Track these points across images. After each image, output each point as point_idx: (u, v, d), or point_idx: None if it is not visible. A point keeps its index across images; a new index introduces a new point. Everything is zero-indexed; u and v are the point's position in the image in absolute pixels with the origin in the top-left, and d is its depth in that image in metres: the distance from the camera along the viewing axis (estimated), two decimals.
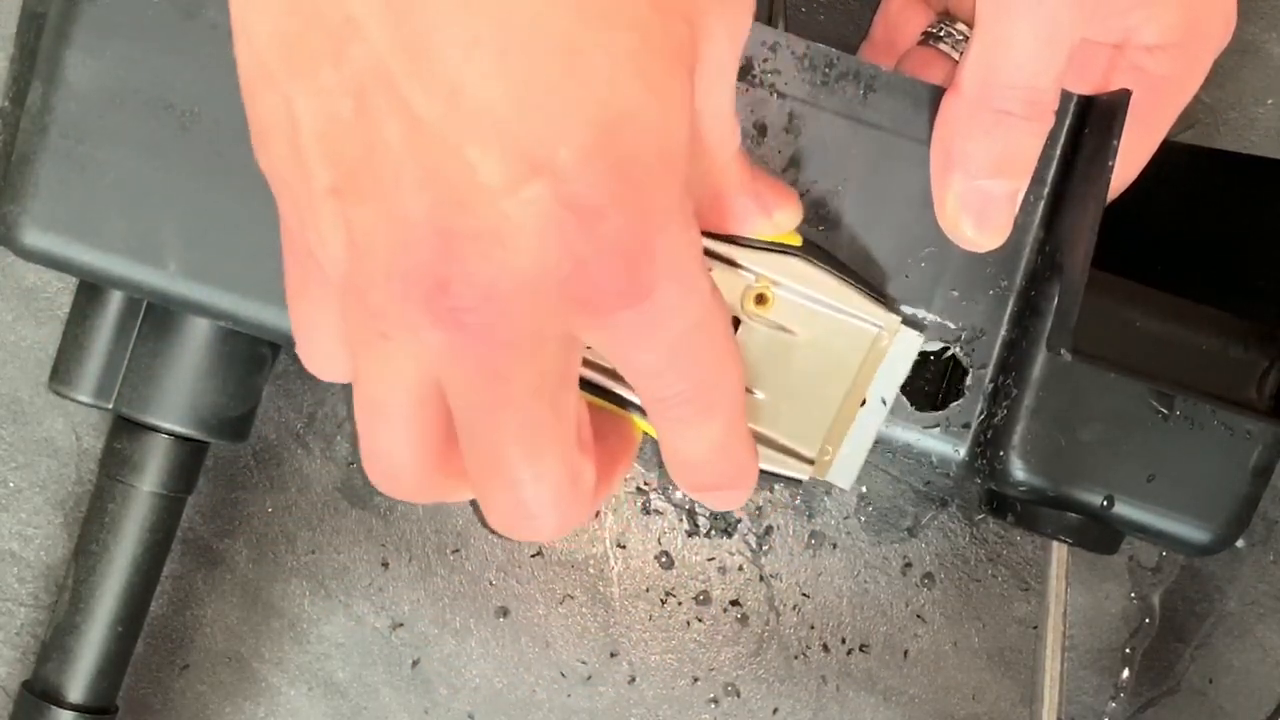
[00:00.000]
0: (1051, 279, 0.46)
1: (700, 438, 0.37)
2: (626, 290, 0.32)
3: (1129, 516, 0.48)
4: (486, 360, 0.32)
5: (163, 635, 0.57)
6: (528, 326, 0.32)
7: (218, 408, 0.50)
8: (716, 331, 0.35)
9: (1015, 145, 0.44)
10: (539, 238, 0.31)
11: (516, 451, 0.34)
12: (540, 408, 0.34)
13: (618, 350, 0.34)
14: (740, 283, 0.43)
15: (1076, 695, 0.60)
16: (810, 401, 0.45)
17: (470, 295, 0.31)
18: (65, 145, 0.45)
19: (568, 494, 0.35)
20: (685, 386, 0.35)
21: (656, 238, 0.32)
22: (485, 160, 0.30)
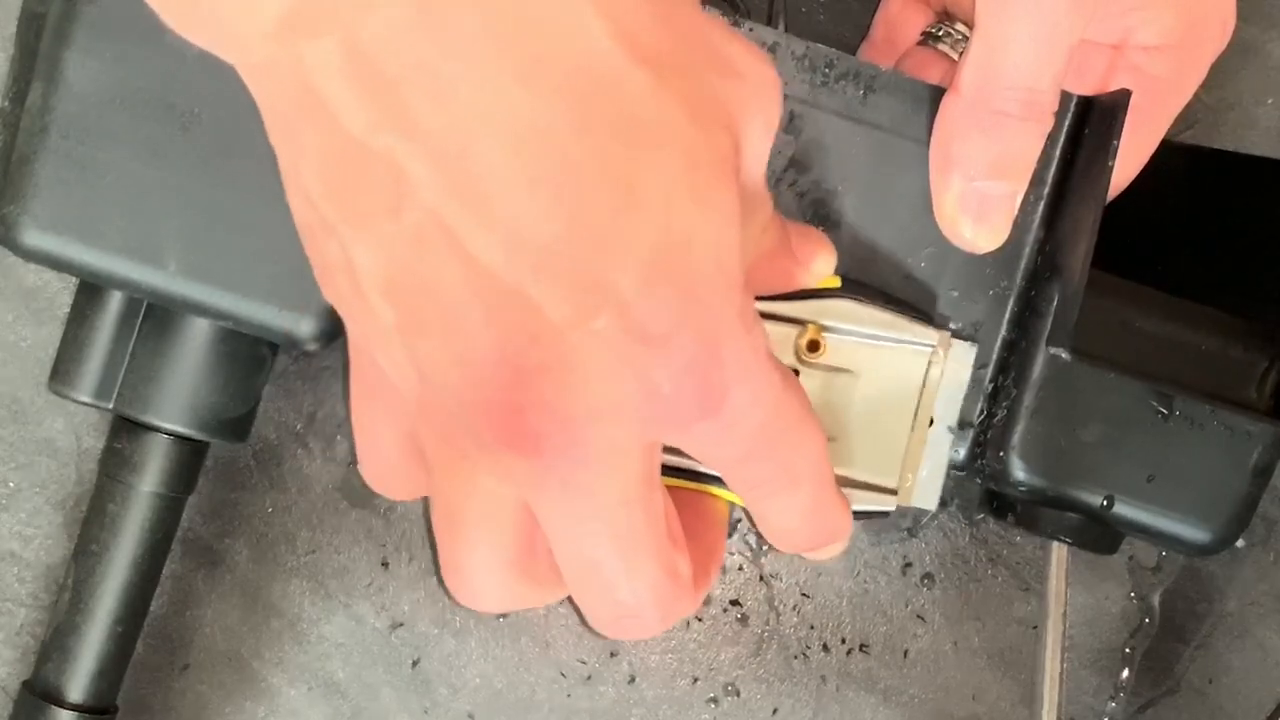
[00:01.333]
0: (1051, 279, 0.46)
1: (791, 508, 0.38)
2: (702, 405, 0.32)
3: (1129, 517, 0.48)
4: (570, 479, 0.33)
5: (163, 635, 0.57)
6: (607, 445, 0.32)
7: (218, 408, 0.50)
8: (792, 411, 0.35)
9: (1013, 147, 0.44)
10: (610, 367, 0.31)
11: (610, 558, 0.34)
12: (629, 513, 0.34)
13: (699, 451, 0.35)
14: (790, 334, 0.44)
15: (1076, 695, 0.60)
16: (880, 434, 0.46)
17: (547, 422, 0.31)
18: (65, 145, 0.45)
19: (667, 590, 0.36)
20: (769, 468, 0.36)
21: (724, 348, 0.32)
22: (549, 297, 0.30)
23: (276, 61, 0.30)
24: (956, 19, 0.50)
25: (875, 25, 0.53)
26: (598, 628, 0.37)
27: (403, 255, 0.31)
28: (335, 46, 0.29)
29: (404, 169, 0.29)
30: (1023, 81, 0.43)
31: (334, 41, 0.29)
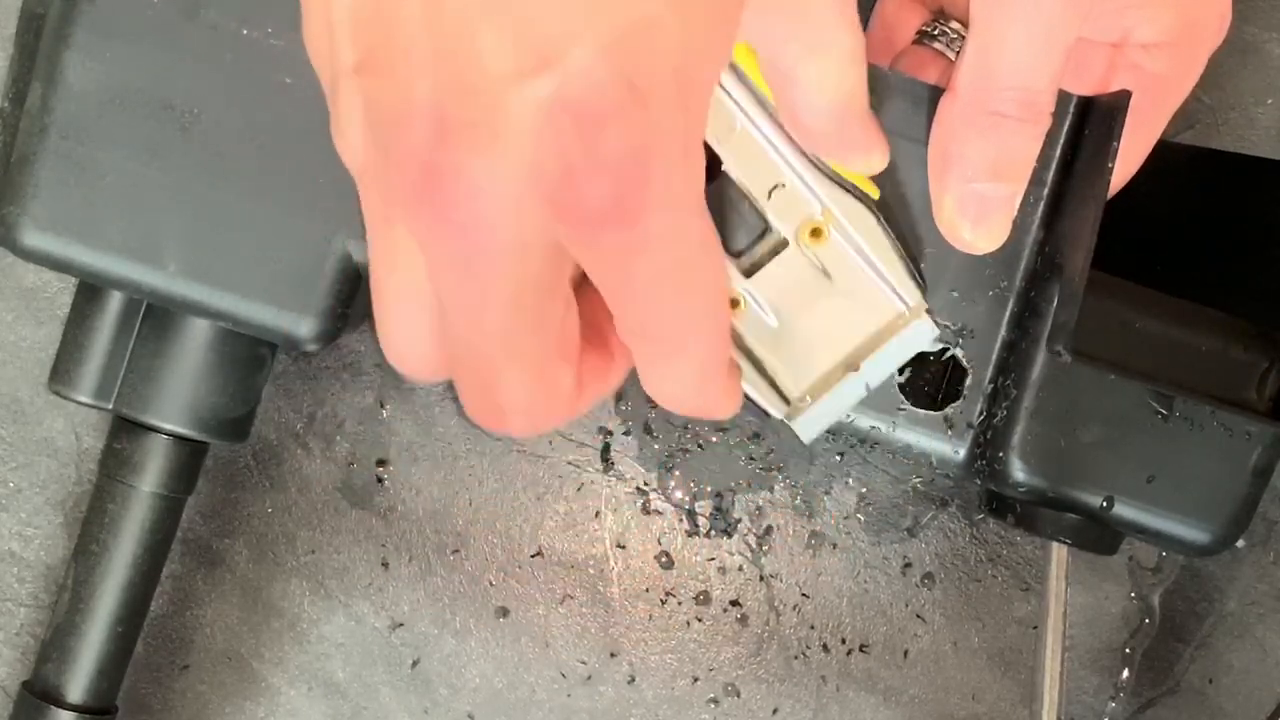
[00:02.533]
0: (1051, 280, 0.46)
1: (673, 375, 0.37)
2: (613, 211, 0.31)
3: (1129, 517, 0.48)
4: (466, 255, 0.32)
5: (163, 635, 0.57)
6: (511, 233, 0.32)
7: (217, 408, 0.50)
8: (704, 273, 0.35)
9: (1011, 148, 0.44)
10: (534, 136, 0.30)
11: (493, 353, 0.34)
12: (518, 315, 0.33)
13: (598, 271, 0.34)
14: (805, 209, 0.44)
15: (1076, 695, 0.60)
16: (814, 348, 0.45)
17: (457, 189, 0.31)
18: (65, 146, 0.45)
19: (540, 401, 0.35)
20: (661, 323, 0.35)
21: (654, 161, 0.31)
22: (496, 46, 0.30)
23: None
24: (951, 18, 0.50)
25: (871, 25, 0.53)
26: (469, 414, 0.37)
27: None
28: None
29: None
30: (1019, 82, 0.43)
31: None
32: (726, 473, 0.59)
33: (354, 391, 0.57)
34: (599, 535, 0.59)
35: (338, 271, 0.47)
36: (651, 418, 0.59)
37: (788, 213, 0.44)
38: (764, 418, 0.47)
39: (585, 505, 0.59)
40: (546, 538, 0.59)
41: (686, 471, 0.59)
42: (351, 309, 0.48)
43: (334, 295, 0.47)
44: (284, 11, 0.45)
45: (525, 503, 0.59)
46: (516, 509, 0.59)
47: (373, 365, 0.57)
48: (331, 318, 0.47)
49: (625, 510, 0.59)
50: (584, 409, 0.38)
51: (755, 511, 0.59)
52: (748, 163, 0.43)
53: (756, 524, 0.59)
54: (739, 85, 0.43)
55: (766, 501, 0.59)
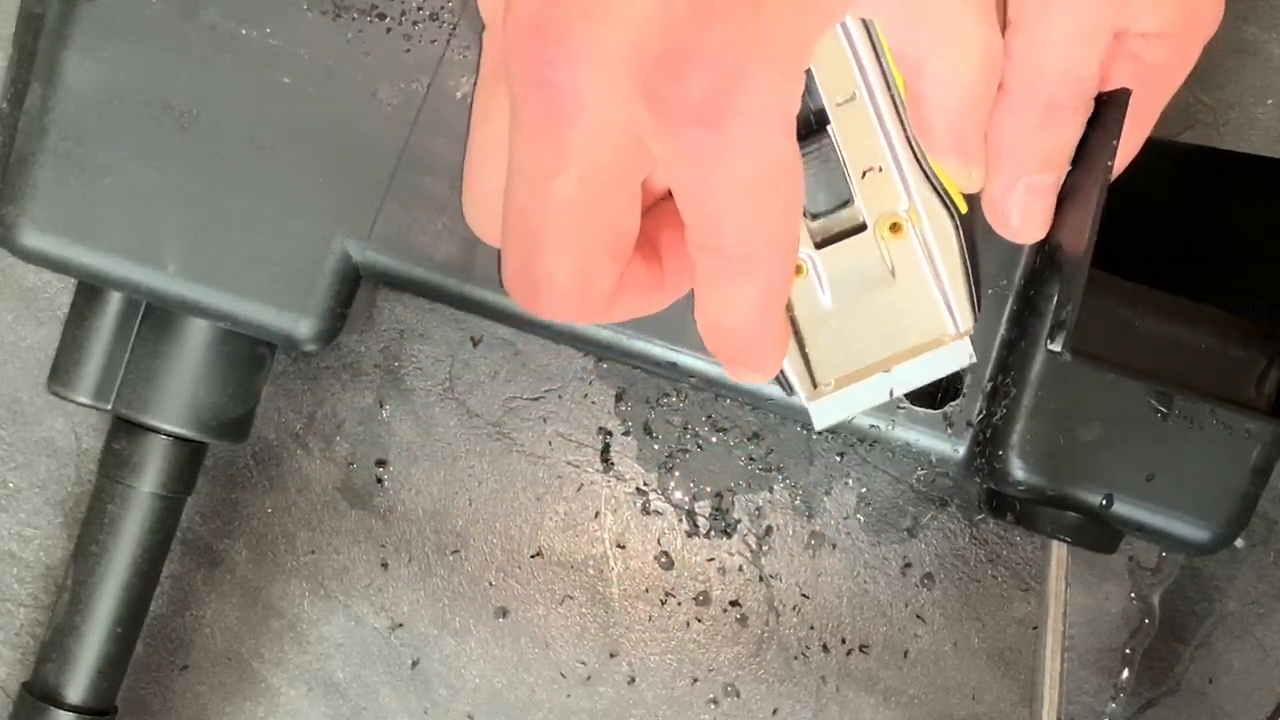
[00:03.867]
0: (1050, 278, 0.46)
1: (731, 300, 0.37)
2: (701, 107, 0.31)
3: (1128, 516, 0.48)
4: (549, 125, 0.32)
5: (163, 635, 0.57)
6: (597, 108, 0.32)
7: (217, 409, 0.50)
8: (779, 197, 0.35)
9: (1064, 138, 0.45)
10: (647, 14, 0.30)
11: (543, 228, 0.34)
12: (579, 195, 0.34)
13: (676, 171, 0.34)
14: (893, 200, 0.44)
15: (1076, 695, 0.60)
16: (857, 339, 0.46)
17: (558, 50, 0.31)
18: (64, 146, 0.45)
19: (575, 289, 0.35)
20: (730, 239, 0.35)
21: (754, 72, 0.31)
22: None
23: None
24: None
25: None
26: (504, 281, 0.37)
27: None
28: None
29: None
30: (1072, 72, 0.43)
31: None
32: (726, 473, 0.59)
33: (354, 391, 0.57)
34: (599, 535, 0.59)
35: (337, 271, 0.47)
36: (651, 418, 0.59)
37: (876, 198, 0.44)
38: (786, 392, 0.47)
39: (585, 505, 0.59)
40: (546, 538, 0.59)
41: (686, 471, 0.59)
42: (350, 309, 0.48)
43: (333, 295, 0.47)
44: (282, 11, 0.45)
45: (525, 503, 0.59)
46: (516, 509, 0.59)
47: (372, 365, 0.57)
48: (330, 318, 0.47)
49: (625, 510, 0.59)
50: (616, 317, 0.38)
51: (755, 512, 0.59)
52: (855, 135, 0.43)
53: (756, 524, 0.59)
54: (872, 58, 0.43)
55: (766, 501, 0.59)
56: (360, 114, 0.46)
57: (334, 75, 0.45)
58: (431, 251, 0.47)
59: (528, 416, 0.58)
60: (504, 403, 0.58)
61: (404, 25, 0.45)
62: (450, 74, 0.46)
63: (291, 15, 0.45)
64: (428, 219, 0.46)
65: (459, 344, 0.58)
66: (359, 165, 0.46)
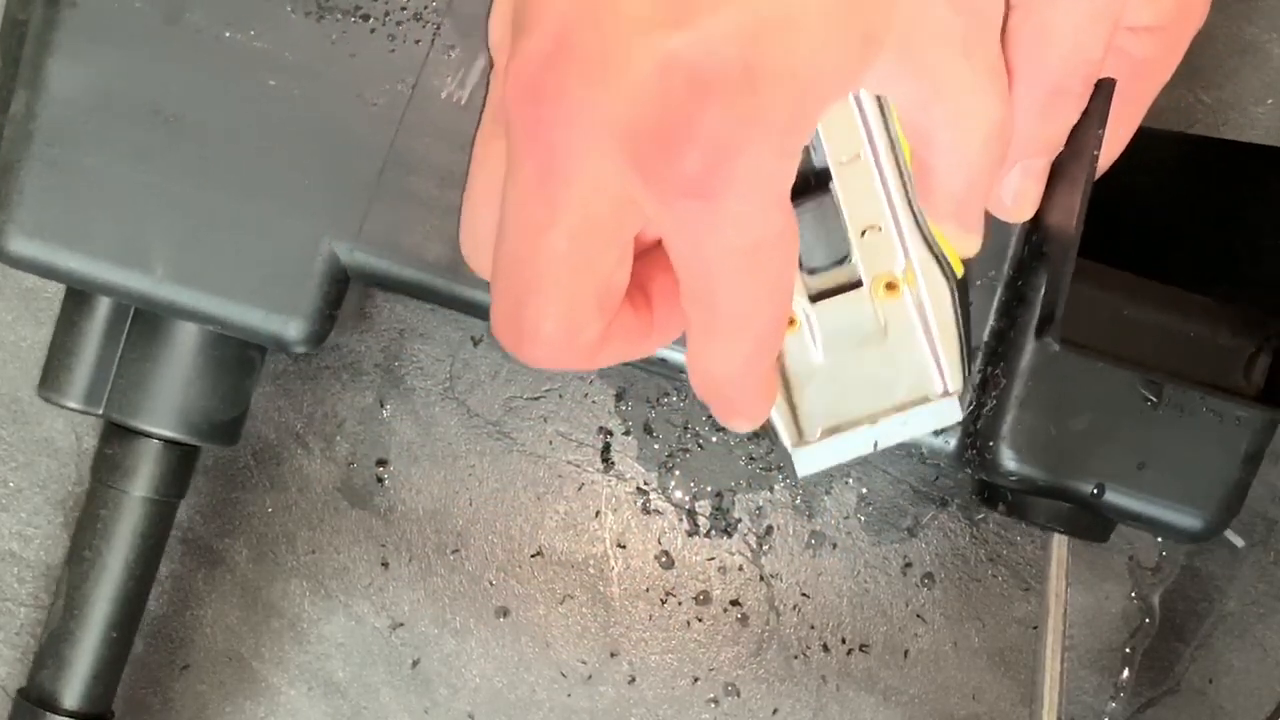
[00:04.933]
0: (1038, 268, 0.46)
1: (721, 356, 0.37)
2: (695, 180, 0.32)
3: (1120, 505, 0.48)
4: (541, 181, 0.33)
5: (163, 635, 0.57)
6: (589, 170, 0.32)
7: (208, 412, 0.50)
8: (772, 264, 0.35)
9: (1066, 122, 0.45)
10: (642, 86, 0.31)
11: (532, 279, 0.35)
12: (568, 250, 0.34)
13: (670, 236, 0.34)
14: (890, 260, 0.45)
15: (1076, 695, 0.59)
16: (846, 394, 0.46)
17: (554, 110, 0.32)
18: (50, 152, 0.45)
19: (560, 339, 0.36)
20: (722, 301, 0.36)
21: (748, 149, 0.32)
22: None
23: None
24: None
25: None
26: (492, 323, 0.37)
27: None
28: None
29: None
30: (1081, 56, 0.43)
31: None
32: (726, 473, 0.59)
33: (354, 391, 0.58)
34: (599, 535, 0.59)
35: (325, 273, 0.47)
36: (652, 418, 0.59)
37: (874, 257, 0.45)
38: (772, 440, 0.47)
39: (585, 505, 0.59)
40: (546, 537, 0.59)
41: (686, 471, 0.59)
42: (340, 310, 0.48)
43: (322, 297, 0.47)
44: (266, 13, 0.46)
45: (525, 503, 0.59)
46: (516, 509, 0.59)
47: (373, 365, 0.58)
48: (320, 319, 0.47)
49: (625, 510, 0.59)
50: (602, 364, 0.38)
51: (755, 511, 0.59)
52: (856, 194, 0.44)
53: (756, 524, 0.59)
54: (879, 121, 0.43)
55: (766, 501, 0.59)
56: (346, 115, 0.46)
57: (319, 77, 0.46)
58: (420, 252, 0.47)
59: (528, 416, 0.59)
60: (504, 402, 0.58)
61: (388, 26, 0.46)
62: (435, 74, 0.46)
63: (276, 17, 0.45)
64: (416, 219, 0.47)
65: (459, 343, 0.58)
66: (346, 166, 0.46)
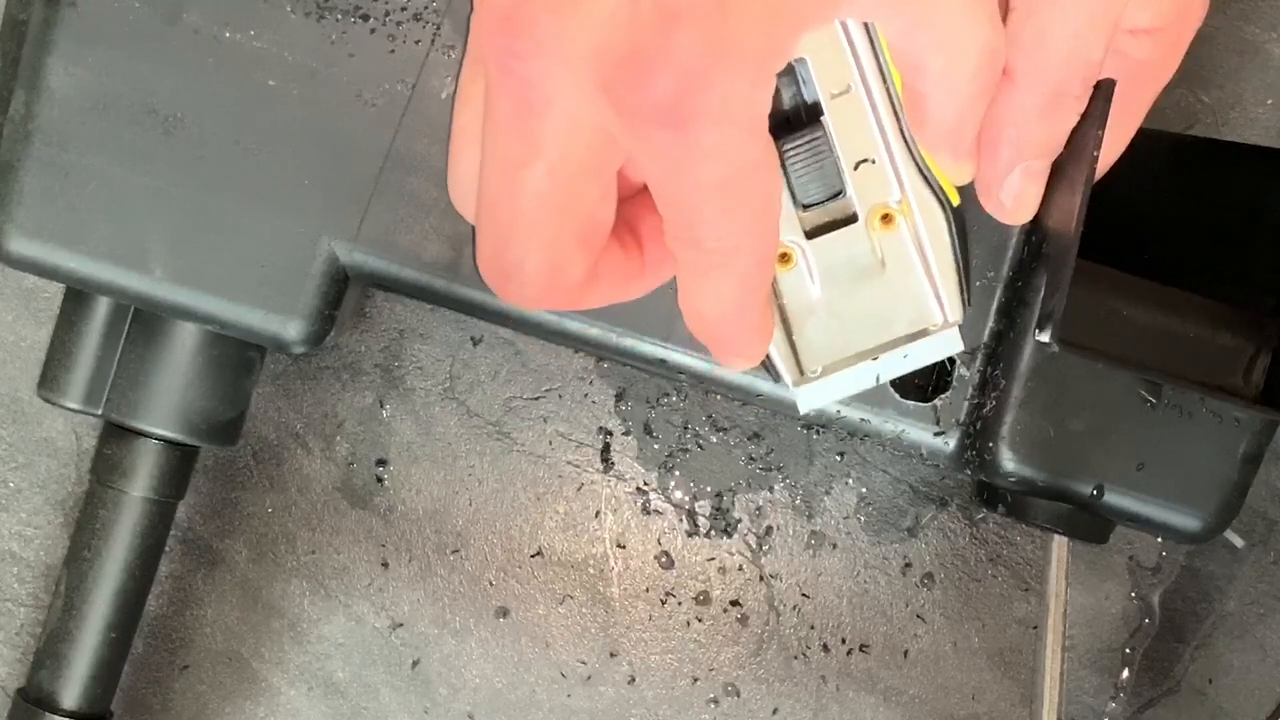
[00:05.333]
0: (1038, 269, 0.46)
1: (711, 292, 0.37)
2: (665, 109, 0.31)
3: (1119, 505, 0.48)
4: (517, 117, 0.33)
5: (163, 635, 0.57)
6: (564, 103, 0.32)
7: (207, 412, 0.50)
8: (752, 195, 0.35)
9: (1066, 124, 0.44)
10: (612, 14, 0.31)
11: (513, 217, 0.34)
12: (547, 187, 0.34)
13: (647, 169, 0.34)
14: (886, 192, 0.44)
15: (1076, 695, 0.59)
16: (845, 329, 0.45)
17: (523, 42, 0.31)
18: (49, 152, 0.45)
19: (544, 278, 0.36)
20: (706, 235, 0.35)
21: (718, 74, 0.31)
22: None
23: None
24: None
25: None
26: (477, 263, 0.37)
27: None
28: None
29: None
30: (1082, 57, 0.43)
31: None
32: (726, 473, 0.59)
33: (354, 391, 0.58)
34: (599, 535, 0.59)
35: (324, 273, 0.47)
36: (651, 418, 0.59)
37: (868, 189, 0.44)
38: (773, 379, 0.46)
39: (585, 505, 0.59)
40: (546, 538, 0.59)
41: (686, 471, 0.59)
42: (339, 310, 0.48)
43: (321, 296, 0.47)
44: (265, 13, 0.46)
45: (525, 503, 0.59)
46: (516, 509, 0.59)
47: (373, 365, 0.58)
48: (319, 319, 0.47)
49: (625, 510, 0.59)
50: (592, 304, 0.38)
51: (755, 511, 0.59)
52: (848, 127, 0.43)
53: (756, 524, 0.59)
54: (869, 52, 0.43)
55: (766, 501, 0.59)
56: (345, 115, 0.46)
57: (318, 77, 0.46)
58: (419, 252, 0.47)
59: (528, 416, 0.59)
60: (504, 402, 0.58)
61: (388, 26, 0.46)
62: (434, 74, 0.46)
63: (275, 18, 0.45)
64: (414, 219, 0.47)
65: (459, 344, 0.58)
66: (345, 167, 0.46)
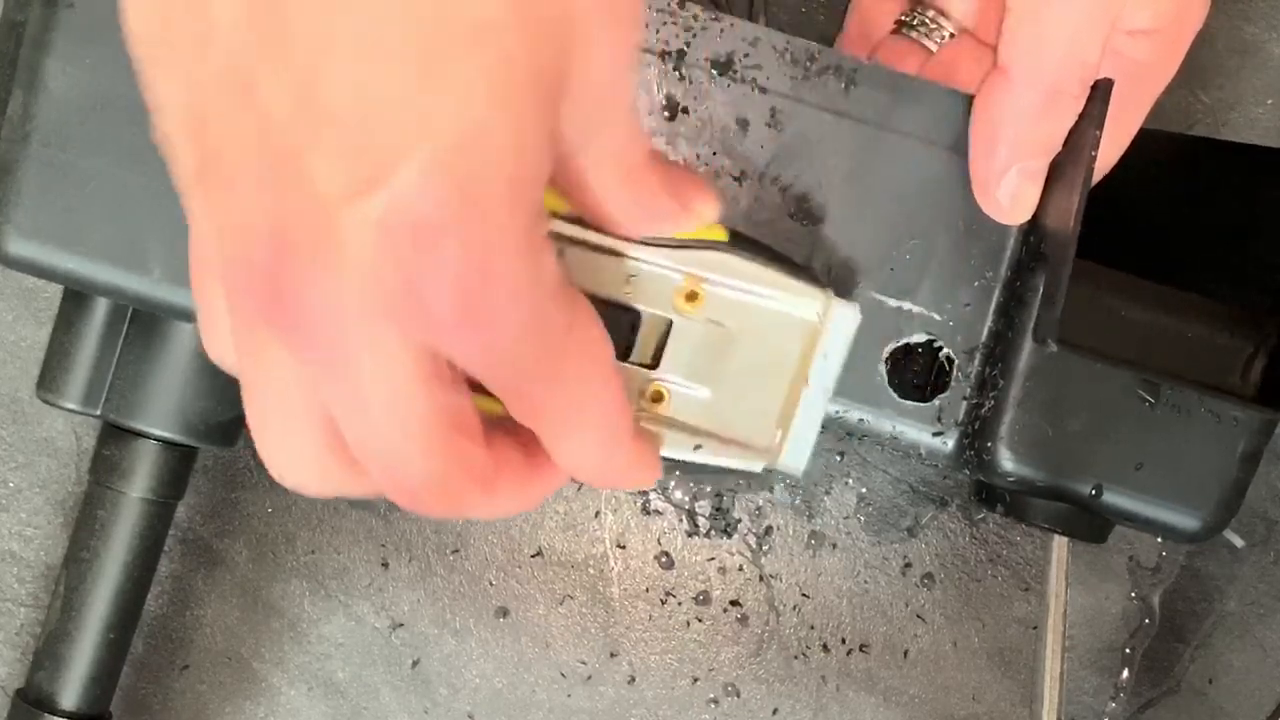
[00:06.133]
0: (1036, 269, 0.46)
1: (576, 450, 0.36)
2: (462, 318, 0.31)
3: (1118, 505, 0.48)
4: (334, 368, 0.32)
5: (163, 635, 0.57)
6: (368, 341, 0.31)
7: (205, 413, 0.50)
8: (578, 351, 0.34)
9: (1063, 124, 0.45)
10: (372, 255, 0.30)
11: (391, 446, 0.33)
12: (407, 406, 0.33)
13: (471, 368, 0.33)
14: (667, 283, 0.42)
15: (1076, 695, 0.59)
16: (756, 391, 0.44)
17: (303, 307, 0.30)
18: (47, 153, 0.45)
19: (456, 481, 0.34)
20: (550, 404, 0.35)
21: (497, 264, 0.31)
22: (325, 167, 0.29)
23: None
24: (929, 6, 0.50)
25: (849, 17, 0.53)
26: (400, 504, 0.35)
27: (204, 97, 0.30)
28: None
29: (212, 8, 0.29)
30: (1078, 57, 0.43)
31: None
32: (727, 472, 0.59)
33: None
34: (599, 535, 0.59)
35: None
36: None
37: (654, 295, 0.42)
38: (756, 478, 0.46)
39: (585, 505, 0.59)
40: (546, 538, 0.59)
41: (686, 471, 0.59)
42: None
43: None
44: None
45: None
46: None
47: None
48: None
49: (625, 510, 0.59)
50: (524, 496, 0.37)
51: (755, 511, 0.59)
52: (593, 274, 0.42)
53: (756, 524, 0.59)
54: None
55: (766, 501, 0.59)
56: None
57: None
58: None
59: None
60: None
61: None
62: None
63: None
64: None
65: None
66: None
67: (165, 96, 0.31)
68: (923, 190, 0.47)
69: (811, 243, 0.47)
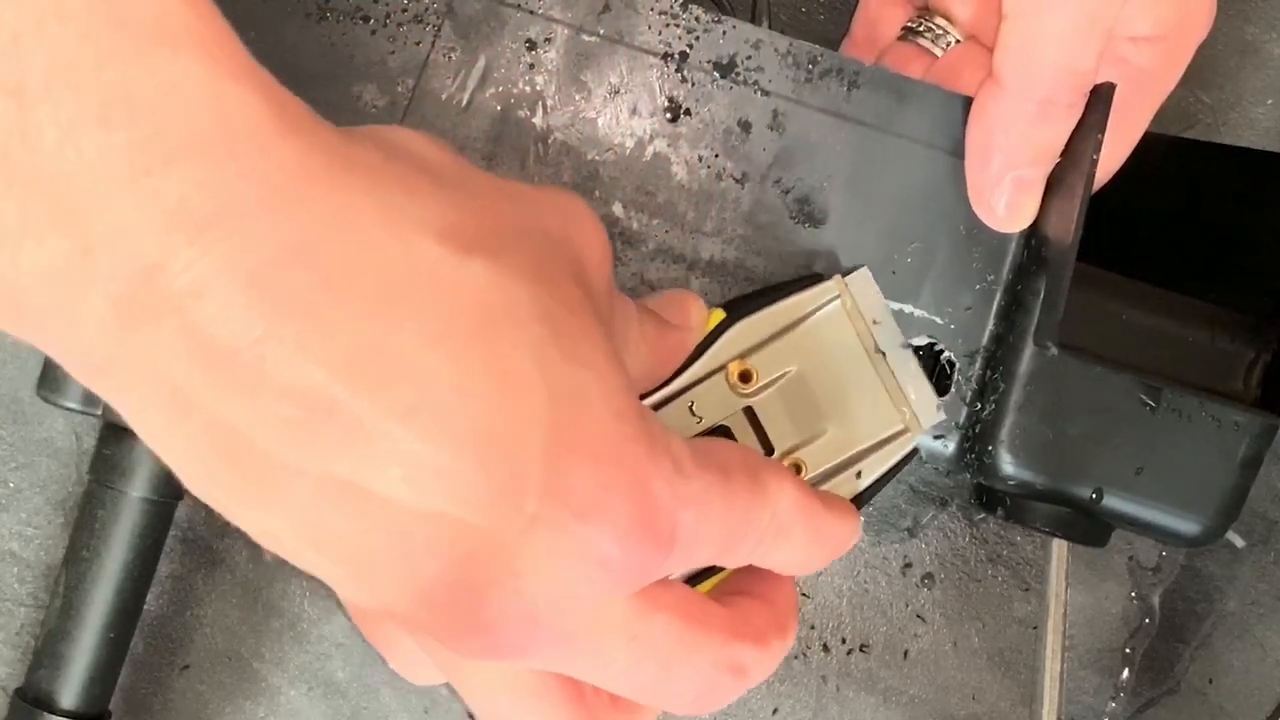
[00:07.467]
0: (1037, 273, 0.46)
1: (794, 553, 0.39)
2: (657, 550, 0.33)
3: (1118, 509, 0.48)
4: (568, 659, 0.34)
5: (163, 635, 0.57)
6: (584, 621, 0.33)
7: None
8: (744, 490, 0.36)
9: (1058, 133, 0.45)
10: (556, 557, 0.31)
11: (655, 683, 0.35)
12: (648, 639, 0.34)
13: (682, 569, 0.36)
14: (721, 384, 0.45)
15: (1076, 695, 0.59)
16: (857, 393, 0.46)
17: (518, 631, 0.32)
18: None
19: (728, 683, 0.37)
20: (752, 543, 0.37)
21: (653, 487, 0.32)
22: (470, 510, 0.30)
23: (115, 358, 0.29)
24: (935, 13, 0.50)
25: (855, 22, 0.53)
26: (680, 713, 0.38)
27: (312, 516, 0.30)
28: (175, 332, 0.28)
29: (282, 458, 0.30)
30: (1070, 66, 0.43)
31: (173, 328, 0.28)
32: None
33: None
34: None
35: None
36: None
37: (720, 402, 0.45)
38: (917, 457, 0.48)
39: None
40: None
41: None
42: None
43: None
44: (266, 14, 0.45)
45: None
46: None
47: None
48: None
49: None
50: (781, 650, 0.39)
51: None
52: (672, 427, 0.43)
53: None
54: None
55: None
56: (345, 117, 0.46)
57: (318, 78, 0.46)
58: None
59: None
60: None
61: (389, 28, 0.46)
62: (435, 76, 0.46)
63: (275, 18, 0.45)
64: None
65: None
66: None
67: (271, 529, 0.32)
68: (924, 193, 0.47)
69: (813, 246, 0.47)
